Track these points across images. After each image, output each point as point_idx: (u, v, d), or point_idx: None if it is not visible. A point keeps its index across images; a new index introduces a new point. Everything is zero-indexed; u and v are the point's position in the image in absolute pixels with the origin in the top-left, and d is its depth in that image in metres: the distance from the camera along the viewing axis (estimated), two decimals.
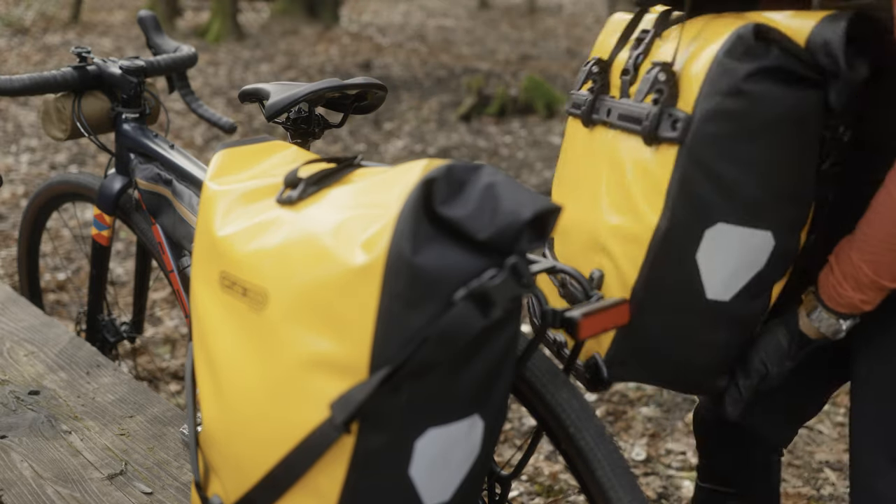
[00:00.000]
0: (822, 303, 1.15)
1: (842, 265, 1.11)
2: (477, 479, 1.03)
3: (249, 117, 6.28)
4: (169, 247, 1.81)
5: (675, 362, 1.19)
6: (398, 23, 12.41)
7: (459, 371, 0.92)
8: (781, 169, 1.10)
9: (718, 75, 1.06)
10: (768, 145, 1.08)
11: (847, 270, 1.10)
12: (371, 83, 1.64)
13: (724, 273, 1.12)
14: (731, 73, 1.05)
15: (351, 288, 0.87)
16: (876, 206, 1.08)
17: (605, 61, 1.26)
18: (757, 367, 1.19)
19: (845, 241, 1.12)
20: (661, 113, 1.10)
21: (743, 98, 1.06)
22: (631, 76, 1.20)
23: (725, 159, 1.07)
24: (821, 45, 1.06)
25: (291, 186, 1.02)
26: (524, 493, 2.32)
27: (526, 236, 0.89)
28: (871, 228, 1.08)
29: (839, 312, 1.13)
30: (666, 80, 1.10)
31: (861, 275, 1.09)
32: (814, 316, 1.16)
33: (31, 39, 9.55)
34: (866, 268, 1.08)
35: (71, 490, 1.49)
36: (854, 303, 1.11)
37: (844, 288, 1.11)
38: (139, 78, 1.87)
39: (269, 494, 0.97)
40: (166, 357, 3.01)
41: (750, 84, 1.05)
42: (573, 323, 1.02)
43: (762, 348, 1.19)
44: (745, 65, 1.05)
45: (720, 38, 1.08)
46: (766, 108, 1.06)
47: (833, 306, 1.13)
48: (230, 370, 1.01)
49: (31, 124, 6.00)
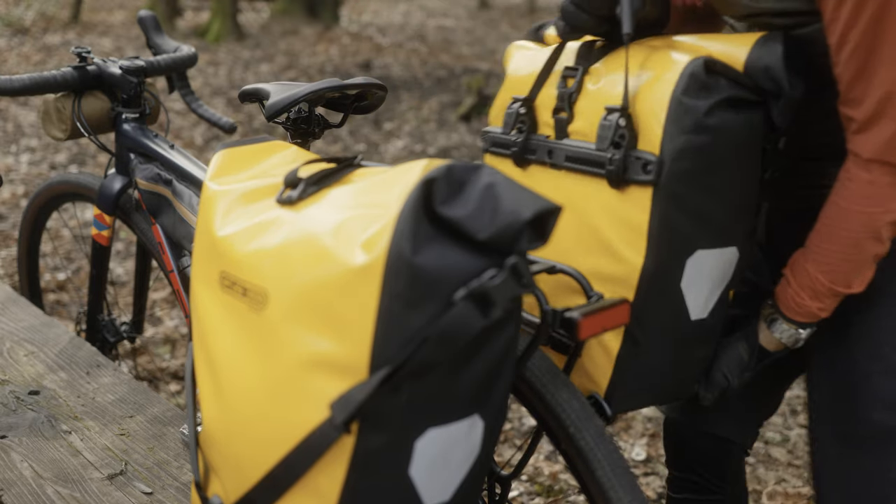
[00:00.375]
0: (781, 314, 1.21)
1: (798, 277, 1.17)
2: (477, 479, 1.03)
3: (249, 117, 6.28)
4: (169, 247, 1.81)
5: (667, 382, 1.23)
6: (398, 23, 12.41)
7: (459, 371, 0.92)
8: (740, 187, 1.15)
9: (681, 115, 1.07)
10: (730, 169, 1.12)
11: (804, 282, 1.17)
12: (371, 83, 1.64)
13: (703, 294, 1.17)
14: (692, 111, 1.07)
15: (351, 288, 0.87)
16: (826, 220, 1.14)
17: (528, 99, 1.25)
18: (719, 381, 1.25)
19: (799, 253, 1.18)
20: (626, 157, 1.10)
21: (706, 132, 1.08)
22: (568, 116, 1.19)
23: (698, 192, 1.11)
24: (762, 70, 1.10)
25: (291, 186, 1.02)
26: (524, 493, 2.32)
27: (526, 236, 0.89)
28: (825, 240, 1.14)
29: (798, 322, 1.20)
30: (627, 125, 1.10)
31: (818, 285, 1.16)
32: (774, 328, 1.22)
33: (31, 39, 9.56)
34: (822, 278, 1.15)
35: (71, 490, 1.49)
36: (812, 311, 1.18)
37: (802, 298, 1.18)
38: (139, 78, 1.87)
39: (269, 494, 0.97)
40: (166, 357, 3.01)
41: (711, 118, 1.08)
42: (573, 323, 1.02)
43: (724, 362, 1.25)
44: (704, 101, 1.08)
45: (668, 74, 1.09)
46: (726, 137, 1.10)
47: (792, 316, 1.20)
48: (230, 370, 1.01)
49: (31, 124, 6.01)
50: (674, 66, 1.09)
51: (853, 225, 1.11)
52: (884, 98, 1.06)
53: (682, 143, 1.07)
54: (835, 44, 1.08)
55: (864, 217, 1.10)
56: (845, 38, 1.06)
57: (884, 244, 1.12)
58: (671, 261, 1.12)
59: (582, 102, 1.18)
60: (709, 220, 1.13)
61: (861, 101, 1.08)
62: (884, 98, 1.06)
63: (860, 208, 1.10)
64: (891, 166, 1.08)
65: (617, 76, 1.15)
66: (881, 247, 1.12)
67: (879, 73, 1.05)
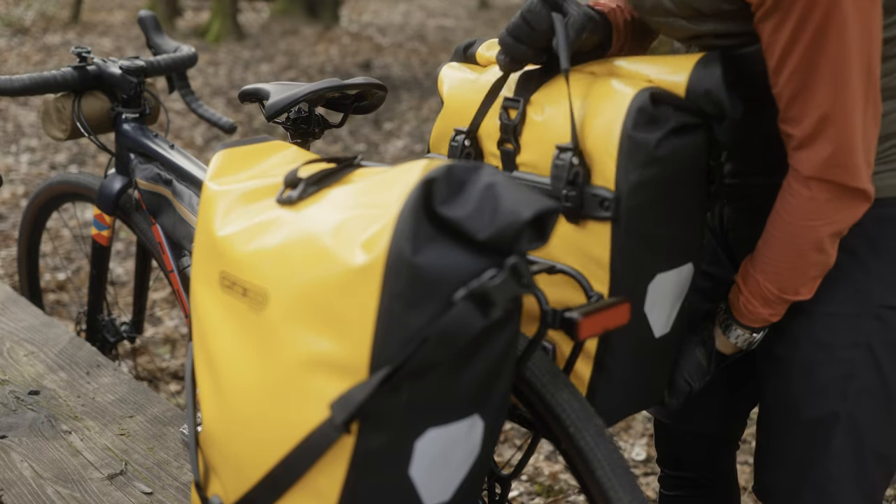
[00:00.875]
0: (735, 321, 1.25)
1: (749, 286, 1.21)
2: (477, 479, 1.03)
3: (249, 117, 6.28)
4: (169, 247, 1.81)
5: (642, 392, 1.26)
6: (398, 23, 12.41)
7: (459, 371, 0.92)
8: (691, 205, 1.18)
9: (633, 150, 1.08)
10: (681, 191, 1.14)
11: (754, 290, 1.20)
12: (371, 83, 1.64)
13: (665, 311, 1.20)
14: (643, 145, 1.08)
15: (351, 288, 0.87)
16: (772, 230, 1.17)
17: (471, 130, 1.25)
18: (682, 386, 1.28)
19: (748, 262, 1.22)
20: (581, 194, 1.11)
21: (658, 164, 1.09)
22: (515, 148, 1.19)
23: (654, 221, 1.12)
24: (703, 95, 1.11)
25: (291, 186, 1.02)
26: (524, 493, 2.32)
27: (526, 236, 0.89)
28: (772, 251, 1.17)
29: (752, 327, 1.24)
30: (580, 163, 1.11)
31: (767, 293, 1.19)
32: (729, 333, 1.26)
33: (31, 39, 9.55)
34: (771, 286, 1.18)
35: (71, 490, 1.49)
36: (764, 317, 1.22)
37: (754, 305, 1.21)
38: (139, 78, 1.87)
39: (268, 494, 0.97)
40: (166, 357, 3.01)
41: (661, 149, 1.09)
42: (573, 323, 1.02)
43: (685, 369, 1.28)
44: (653, 134, 1.09)
45: (614, 108, 1.09)
46: (677, 164, 1.11)
47: (746, 322, 1.24)
48: (230, 370, 1.01)
49: (31, 124, 6.01)
50: (619, 99, 1.10)
51: (796, 237, 1.14)
52: (821, 119, 1.07)
53: (637, 178, 1.08)
54: (773, 66, 1.09)
55: (806, 229, 1.13)
56: (784, 61, 1.08)
57: (828, 254, 1.15)
58: (634, 289, 1.14)
59: (528, 134, 1.18)
60: (665, 245, 1.15)
61: (799, 121, 1.10)
62: (821, 119, 1.07)
63: (802, 222, 1.13)
64: (829, 183, 1.10)
65: (560, 108, 1.15)
66: (825, 256, 1.15)
67: (816, 96, 1.07)
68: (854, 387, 1.22)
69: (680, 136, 1.11)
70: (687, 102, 1.11)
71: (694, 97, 1.11)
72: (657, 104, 1.09)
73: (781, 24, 1.06)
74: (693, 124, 1.13)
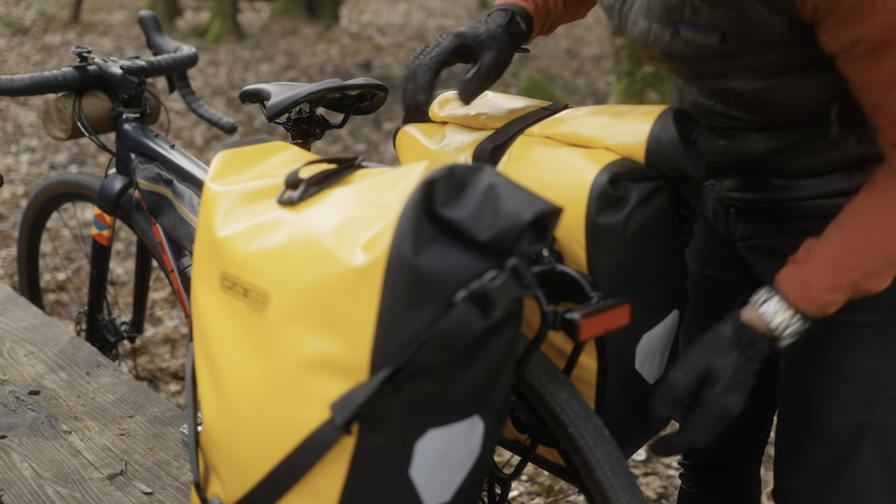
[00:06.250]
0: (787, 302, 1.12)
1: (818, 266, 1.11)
2: (477, 479, 1.03)
3: (250, 117, 6.28)
4: (169, 247, 1.81)
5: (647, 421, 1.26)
6: (398, 23, 12.41)
7: (460, 372, 0.92)
8: (668, 259, 1.18)
9: (602, 236, 1.07)
10: (657, 251, 1.14)
11: (824, 272, 1.11)
12: (372, 84, 1.64)
13: (657, 361, 1.22)
14: (611, 230, 1.07)
15: (352, 289, 0.87)
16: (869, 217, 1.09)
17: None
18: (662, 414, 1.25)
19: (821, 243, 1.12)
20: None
21: (630, 242, 1.09)
22: None
23: (636, 288, 1.11)
24: (663, 162, 1.09)
25: (292, 187, 1.02)
26: (524, 493, 2.32)
27: (527, 238, 0.89)
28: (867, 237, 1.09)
29: (805, 313, 1.12)
30: (550, 252, 1.08)
31: (842, 278, 1.10)
32: (767, 308, 1.13)
33: (31, 39, 9.55)
34: (852, 272, 1.10)
35: (71, 490, 1.49)
36: (822, 302, 1.11)
37: (820, 288, 1.11)
38: (140, 78, 1.87)
39: (269, 495, 0.97)
40: (166, 357, 3.01)
41: (630, 228, 1.08)
42: (573, 324, 1.02)
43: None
44: (619, 216, 1.08)
45: (575, 192, 1.06)
46: (648, 233, 1.11)
47: (802, 306, 1.12)
48: (231, 370, 1.01)
49: (31, 124, 6.01)
50: (580, 182, 1.07)
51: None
52: None
53: (609, 262, 1.08)
54: (872, 102, 1.07)
55: None
56: (887, 95, 1.05)
57: None
58: (623, 354, 1.14)
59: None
60: (650, 303, 1.15)
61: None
62: None
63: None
64: None
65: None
66: None
67: None
68: (881, 396, 1.21)
69: (647, 204, 1.10)
70: (649, 171, 1.10)
71: (655, 164, 1.09)
72: (618, 183, 1.07)
73: (881, 62, 1.03)
74: (660, 187, 1.11)
